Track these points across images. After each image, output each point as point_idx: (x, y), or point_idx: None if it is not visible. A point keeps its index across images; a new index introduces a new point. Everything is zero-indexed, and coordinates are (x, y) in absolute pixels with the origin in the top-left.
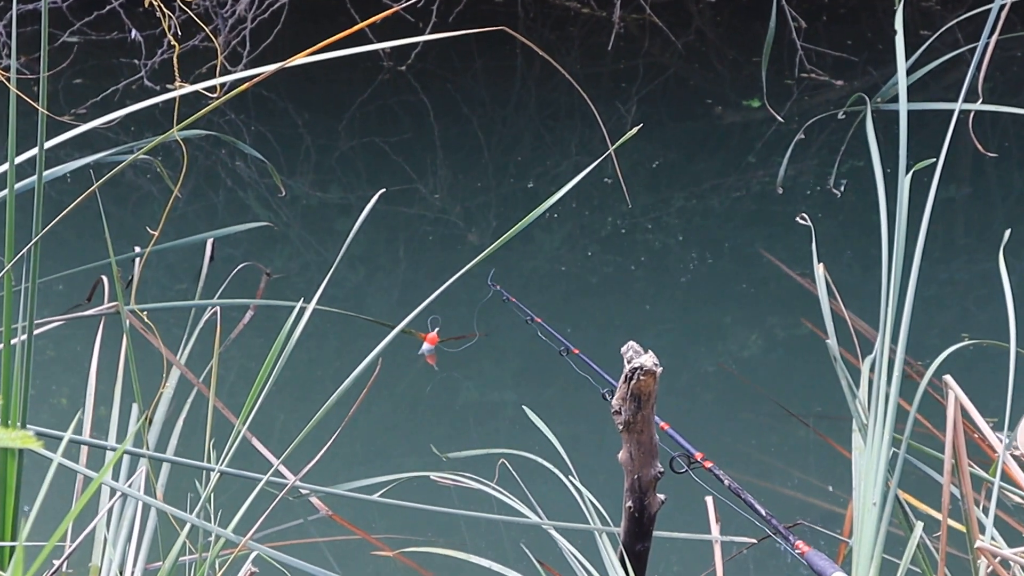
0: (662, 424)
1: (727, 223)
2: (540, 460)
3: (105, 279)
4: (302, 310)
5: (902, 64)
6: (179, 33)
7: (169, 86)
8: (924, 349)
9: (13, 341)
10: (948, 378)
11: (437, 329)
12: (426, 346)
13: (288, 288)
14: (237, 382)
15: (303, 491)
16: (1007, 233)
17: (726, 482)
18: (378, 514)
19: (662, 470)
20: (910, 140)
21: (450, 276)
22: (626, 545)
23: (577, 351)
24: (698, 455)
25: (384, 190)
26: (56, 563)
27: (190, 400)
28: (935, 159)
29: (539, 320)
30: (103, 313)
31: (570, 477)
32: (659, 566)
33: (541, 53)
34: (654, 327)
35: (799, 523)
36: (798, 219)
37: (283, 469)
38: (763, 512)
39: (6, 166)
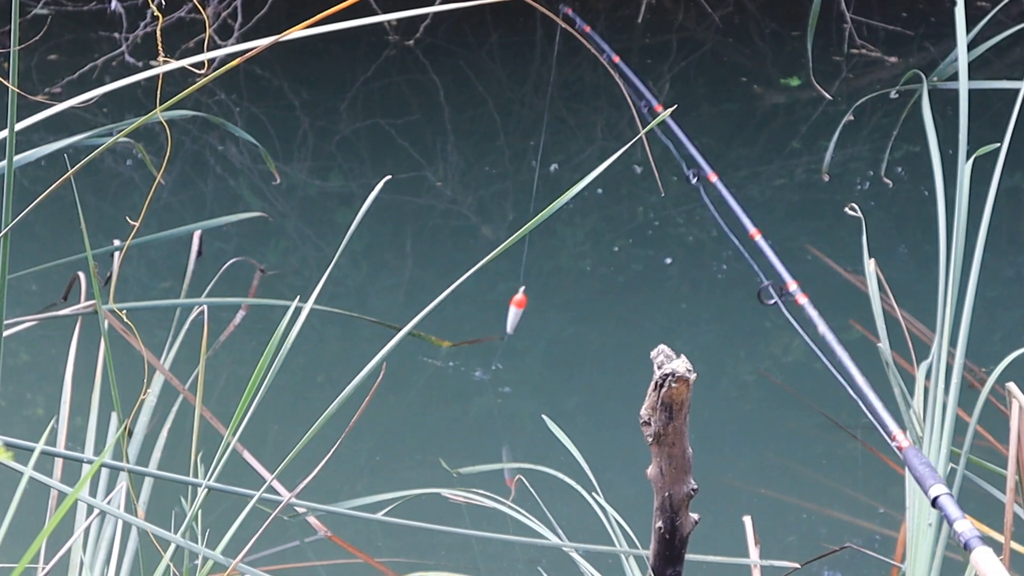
0: (752, 232)
1: (769, 214)
2: (561, 476)
3: (82, 275)
4: (299, 310)
5: (962, 38)
6: (163, 3)
7: (152, 62)
8: (986, 354)
9: None
10: (1012, 386)
11: (523, 290)
12: (513, 310)
13: (284, 286)
14: (227, 389)
15: (299, 509)
16: None
17: (821, 328)
18: (382, 535)
19: (696, 487)
20: (971, 122)
21: (462, 273)
22: (655, 569)
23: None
24: (791, 284)
25: (389, 177)
26: None
27: (175, 409)
28: (999, 144)
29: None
30: (79, 313)
31: (594, 494)
32: None
33: (564, 25)
34: (688, 329)
35: (847, 546)
36: (847, 210)
37: (277, 485)
38: (866, 389)
39: None
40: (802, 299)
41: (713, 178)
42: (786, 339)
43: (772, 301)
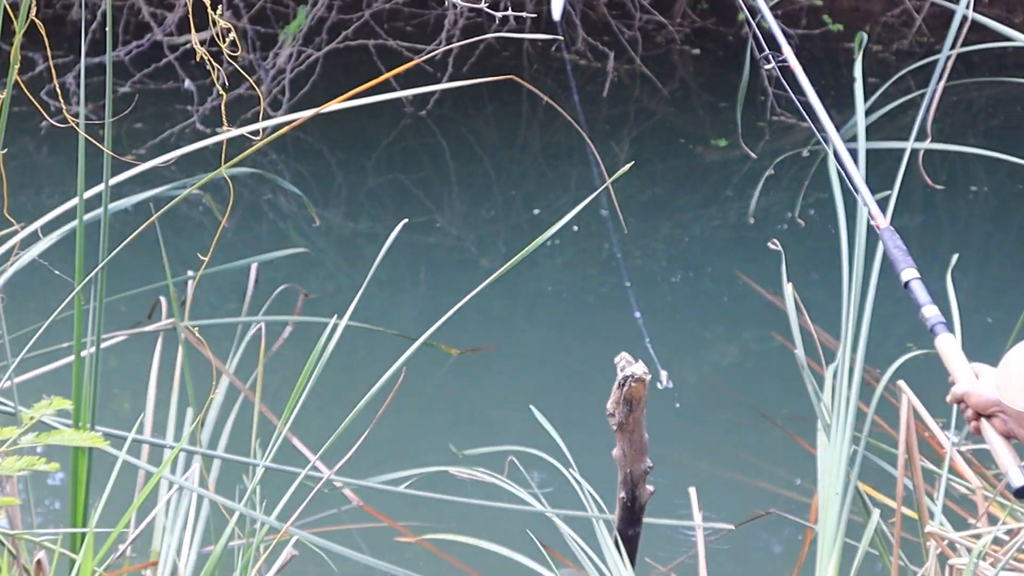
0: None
1: (708, 248)
2: (544, 456)
3: (163, 299)
4: (335, 326)
5: (860, 108)
6: (227, 83)
7: (218, 129)
8: (880, 358)
9: (83, 353)
10: (902, 383)
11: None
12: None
13: (323, 306)
14: (279, 389)
15: (337, 484)
16: (955, 257)
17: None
18: (403, 504)
19: (651, 465)
20: (868, 174)
21: (465, 295)
22: (620, 531)
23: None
24: (787, 50)
25: (407, 220)
26: (121, 547)
27: (237, 404)
28: (890, 191)
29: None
30: (161, 329)
31: (570, 471)
32: (648, 549)
33: (546, 99)
34: (642, 339)
35: (772, 511)
36: (770, 245)
37: (320, 465)
38: (833, 134)
39: (76, 200)
40: (794, 65)
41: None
42: (722, 347)
43: (769, 66)
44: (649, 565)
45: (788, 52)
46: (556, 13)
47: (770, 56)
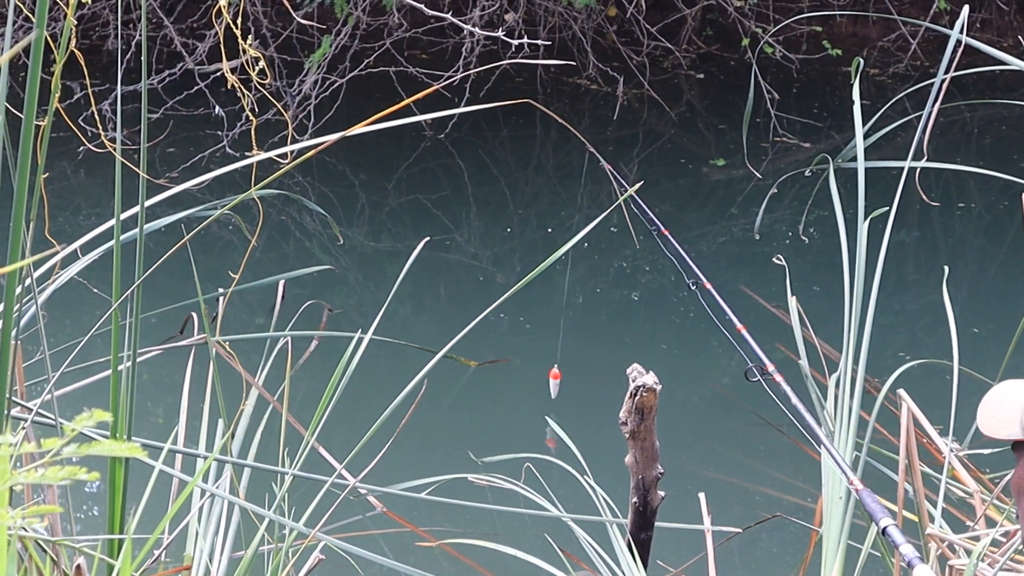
0: (739, 326)
1: (714, 264)
2: (560, 463)
3: (194, 315)
4: (359, 340)
5: (859, 129)
6: (255, 108)
7: (247, 153)
8: (880, 368)
9: (120, 367)
10: (902, 392)
11: (557, 366)
12: (552, 382)
13: (347, 322)
14: (305, 400)
15: (362, 491)
16: (946, 269)
17: (793, 399)
18: (425, 510)
19: (662, 471)
20: (867, 193)
21: (482, 310)
22: (632, 534)
23: (667, 232)
24: (770, 365)
25: (428, 239)
26: (156, 552)
27: (266, 415)
28: (888, 208)
29: (634, 193)
30: (193, 343)
31: (585, 477)
32: (660, 552)
33: (560, 121)
34: (654, 351)
35: (777, 515)
36: (774, 260)
37: (345, 473)
38: (825, 441)
39: (113, 221)
40: (778, 377)
41: (708, 285)
42: (731, 359)
43: (755, 379)
44: (661, 567)
45: (772, 367)
46: (553, 394)
47: (755, 370)
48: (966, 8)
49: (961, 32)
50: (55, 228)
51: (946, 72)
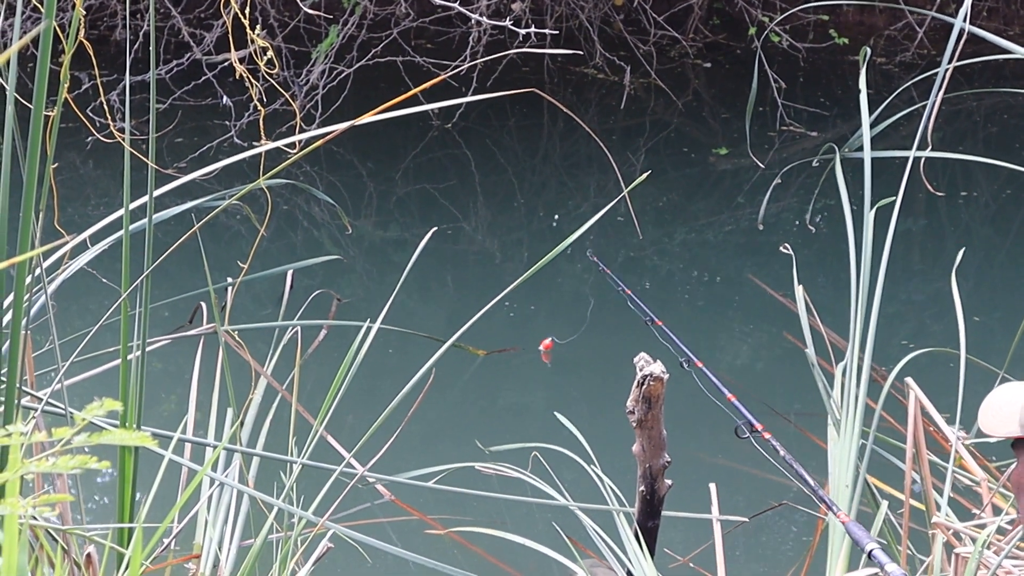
0: (729, 396)
1: (721, 252)
2: (567, 452)
3: (204, 304)
4: (368, 329)
5: (866, 119)
6: (263, 98)
7: (255, 143)
8: (887, 357)
9: (129, 357)
10: (909, 380)
11: (552, 338)
12: (542, 349)
13: (355, 311)
14: (314, 389)
15: (370, 479)
16: (961, 252)
17: (782, 452)
18: (432, 499)
19: (669, 460)
20: (873, 182)
21: (490, 300)
22: (639, 523)
23: (660, 323)
24: (759, 426)
25: (435, 229)
26: (166, 541)
27: (275, 404)
28: (894, 197)
29: (629, 292)
30: (202, 333)
31: (592, 466)
32: (667, 540)
33: (566, 111)
34: (660, 340)
35: (785, 503)
36: (781, 249)
37: (353, 462)
38: (812, 482)
39: (122, 211)
40: (767, 435)
41: (700, 364)
42: (735, 346)
43: (745, 436)
44: (668, 556)
45: (761, 427)
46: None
47: (743, 428)
48: None
49: (966, 20)
50: (64, 218)
51: (951, 61)
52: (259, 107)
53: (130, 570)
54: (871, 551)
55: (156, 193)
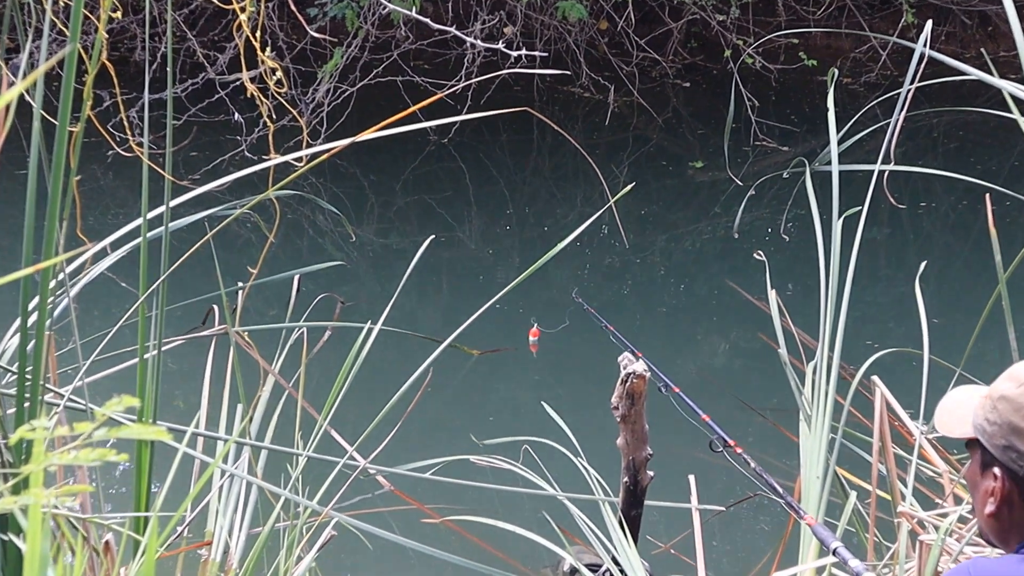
0: (703, 416)
1: (699, 259)
2: (556, 445)
3: (216, 307)
4: (369, 330)
5: (833, 135)
6: (272, 115)
7: (264, 157)
8: (854, 356)
9: (146, 356)
10: (875, 378)
11: (536, 325)
12: (531, 339)
13: (357, 313)
14: (319, 387)
15: (371, 471)
16: (923, 265)
17: (752, 464)
18: (430, 489)
19: (651, 452)
20: (841, 193)
21: (484, 302)
22: (624, 512)
23: (640, 354)
24: (731, 441)
25: (432, 236)
26: (180, 529)
27: (282, 401)
28: (860, 208)
29: (611, 328)
30: (215, 334)
31: (579, 459)
32: (649, 528)
33: (555, 127)
34: (643, 340)
35: (759, 494)
36: (755, 256)
37: (355, 454)
38: (779, 489)
39: (140, 220)
40: (738, 449)
41: (677, 389)
42: (713, 346)
43: (719, 450)
44: (651, 542)
45: (733, 442)
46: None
47: (716, 442)
48: (930, 23)
49: (926, 45)
50: (86, 227)
51: (912, 82)
52: (268, 123)
53: (146, 556)
54: (835, 549)
55: (172, 203)
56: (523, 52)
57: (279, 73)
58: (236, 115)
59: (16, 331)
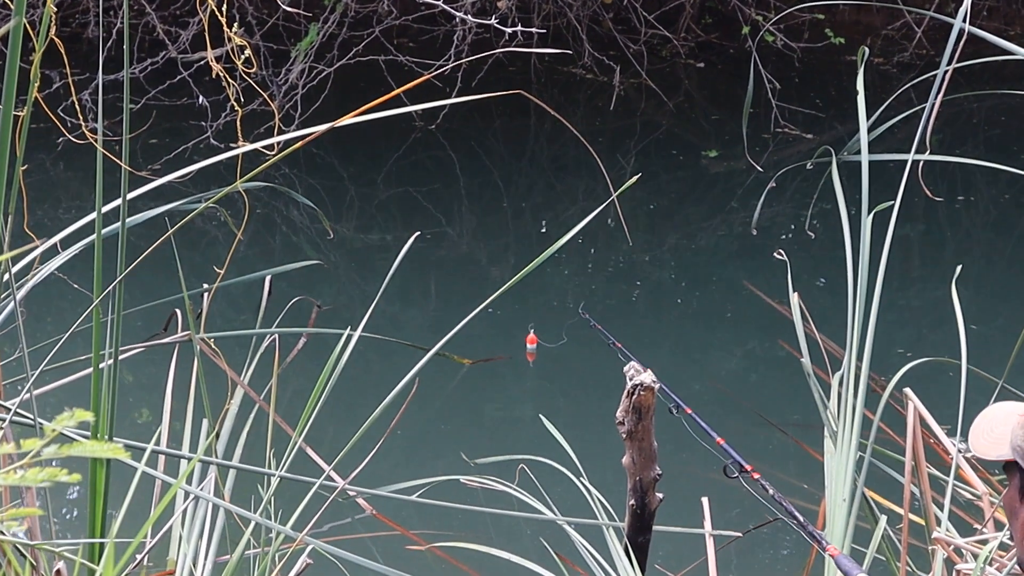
0: (718, 439)
1: (713, 258)
2: (555, 464)
3: (178, 311)
4: (348, 337)
5: (863, 123)
6: (241, 98)
7: (232, 145)
8: (885, 366)
9: (101, 366)
10: (908, 391)
11: (534, 332)
12: (528, 347)
13: (336, 318)
14: (293, 399)
15: (351, 493)
16: (958, 268)
17: (771, 491)
18: (415, 513)
19: (660, 472)
20: (871, 186)
21: (476, 306)
22: (630, 538)
23: (690, 411)
24: (748, 467)
25: (418, 233)
26: (139, 557)
27: (252, 415)
28: (892, 202)
29: (619, 345)
30: (177, 341)
31: (580, 479)
32: (659, 556)
33: (552, 113)
34: (651, 349)
35: (779, 518)
36: (775, 255)
37: (333, 475)
38: (800, 519)
39: (94, 215)
40: (755, 475)
41: (689, 411)
42: (728, 355)
43: (735, 476)
44: (659, 572)
45: (751, 467)
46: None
47: (732, 467)
48: None
49: (966, 20)
50: (34, 222)
51: (950, 62)
52: (236, 107)
53: None
54: None
55: (129, 196)
56: (519, 29)
57: (248, 52)
58: (201, 98)
59: None
